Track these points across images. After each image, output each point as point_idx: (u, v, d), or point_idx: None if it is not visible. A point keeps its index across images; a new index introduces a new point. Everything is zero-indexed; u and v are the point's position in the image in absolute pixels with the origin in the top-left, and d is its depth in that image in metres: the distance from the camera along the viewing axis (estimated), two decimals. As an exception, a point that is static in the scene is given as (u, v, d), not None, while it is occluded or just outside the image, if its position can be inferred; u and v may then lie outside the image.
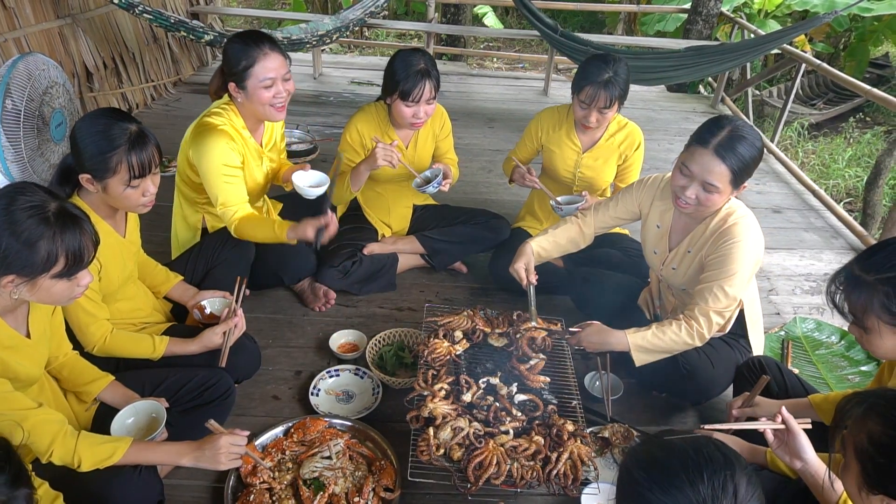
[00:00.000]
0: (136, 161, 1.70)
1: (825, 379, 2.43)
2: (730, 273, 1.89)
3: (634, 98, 5.58)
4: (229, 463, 1.61)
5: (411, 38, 9.43)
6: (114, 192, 1.74)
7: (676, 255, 2.09)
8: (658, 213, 2.15)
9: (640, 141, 2.64)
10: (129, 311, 2.03)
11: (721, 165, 1.81)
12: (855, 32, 7.98)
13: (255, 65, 2.14)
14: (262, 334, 2.49)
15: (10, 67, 2.64)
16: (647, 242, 2.21)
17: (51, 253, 1.34)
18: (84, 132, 1.70)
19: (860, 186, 6.07)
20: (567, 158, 2.68)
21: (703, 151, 1.83)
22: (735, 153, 1.80)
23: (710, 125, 1.88)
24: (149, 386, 1.86)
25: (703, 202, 1.88)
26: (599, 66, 2.38)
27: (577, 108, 2.48)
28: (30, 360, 1.53)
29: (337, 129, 4.55)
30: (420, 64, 2.38)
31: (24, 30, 3.65)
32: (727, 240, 1.91)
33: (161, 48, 5.07)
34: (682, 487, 0.95)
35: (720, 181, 1.83)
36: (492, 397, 1.92)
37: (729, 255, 1.90)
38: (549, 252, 2.28)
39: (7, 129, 2.62)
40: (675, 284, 2.14)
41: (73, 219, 1.39)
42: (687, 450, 1.00)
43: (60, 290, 1.43)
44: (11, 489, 1.03)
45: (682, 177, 1.90)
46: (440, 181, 2.50)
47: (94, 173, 1.71)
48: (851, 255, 3.39)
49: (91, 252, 1.43)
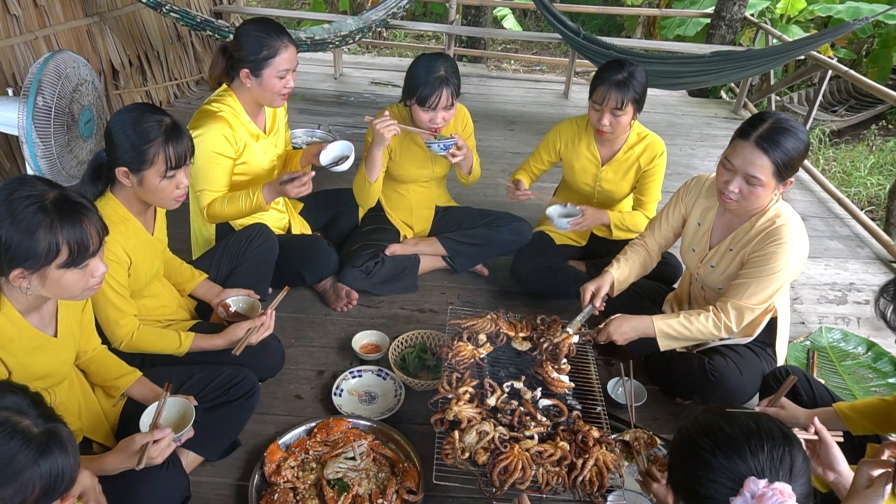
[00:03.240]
0: (172, 152, 1.74)
1: (852, 390, 2.40)
2: (772, 271, 1.89)
3: (656, 103, 5.54)
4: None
5: (429, 39, 9.44)
6: (150, 184, 1.75)
7: (717, 253, 2.08)
8: (700, 211, 2.15)
9: (660, 152, 2.58)
10: (155, 309, 2.04)
11: (763, 157, 1.80)
12: (878, 39, 7.88)
13: (276, 56, 2.23)
14: (285, 334, 2.50)
15: (42, 65, 2.67)
16: (686, 240, 2.21)
17: (51, 242, 1.33)
18: (120, 126, 1.73)
19: (882, 195, 5.98)
20: (587, 171, 2.67)
21: (745, 144, 1.84)
22: (777, 145, 1.79)
23: (752, 119, 1.88)
24: (174, 383, 1.86)
25: (746, 196, 1.87)
26: (614, 68, 2.39)
27: (591, 112, 2.48)
28: (57, 359, 1.54)
29: (358, 129, 4.56)
30: (440, 70, 2.38)
31: (53, 28, 3.70)
32: (774, 240, 1.90)
33: (185, 46, 5.12)
34: (744, 455, 1.01)
35: (763, 173, 1.82)
36: (516, 402, 1.92)
37: (774, 254, 1.89)
38: (627, 279, 2.26)
39: (38, 126, 2.66)
40: (711, 283, 2.13)
41: (74, 206, 1.37)
42: (749, 422, 1.05)
43: (72, 282, 1.40)
44: (46, 421, 1.06)
45: (725, 171, 1.91)
46: (448, 144, 2.44)
47: (130, 166, 1.73)
48: (877, 265, 3.35)
49: (96, 240, 1.40)
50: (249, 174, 2.41)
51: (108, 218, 1.72)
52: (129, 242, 1.81)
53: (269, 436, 2.03)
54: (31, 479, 1.01)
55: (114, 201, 1.81)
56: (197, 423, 1.72)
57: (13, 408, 1.05)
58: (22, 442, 1.01)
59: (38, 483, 1.02)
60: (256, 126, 2.40)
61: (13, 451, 1.00)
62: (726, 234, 2.05)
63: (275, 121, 2.51)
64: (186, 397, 1.74)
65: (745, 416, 1.07)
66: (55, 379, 1.57)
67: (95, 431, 1.74)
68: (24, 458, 1.01)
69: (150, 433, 1.49)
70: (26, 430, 1.03)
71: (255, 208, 2.29)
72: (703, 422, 1.09)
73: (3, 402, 1.05)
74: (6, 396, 1.06)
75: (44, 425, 1.06)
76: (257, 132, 2.40)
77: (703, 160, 4.55)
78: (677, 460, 1.13)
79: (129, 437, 1.48)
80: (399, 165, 2.67)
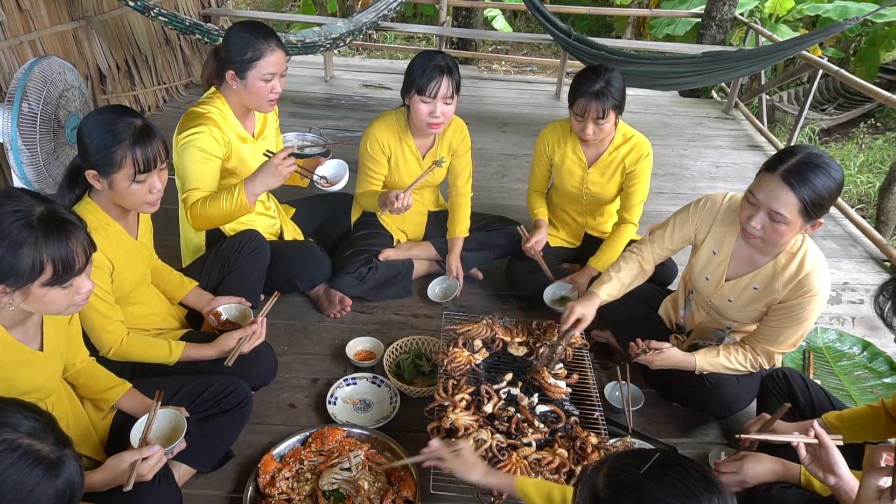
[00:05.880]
0: (140, 155, 1.68)
1: (848, 391, 2.40)
2: (802, 320, 1.86)
3: (647, 103, 5.55)
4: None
5: (420, 40, 9.42)
6: (119, 187, 1.71)
7: (736, 288, 1.98)
8: (715, 239, 2.02)
9: (646, 153, 2.55)
10: (144, 317, 2.01)
11: (789, 193, 1.68)
12: (866, 37, 7.94)
13: (261, 59, 2.18)
14: (278, 341, 2.47)
15: (26, 71, 2.63)
16: (697, 266, 2.09)
17: (35, 260, 1.28)
18: (90, 128, 1.69)
19: (872, 192, 6.02)
20: (573, 174, 2.65)
21: (770, 178, 1.72)
22: (805, 181, 1.67)
23: (781, 152, 1.76)
24: (166, 393, 1.83)
25: (769, 233, 1.76)
26: (590, 78, 2.34)
27: (574, 121, 2.46)
28: (43, 373, 1.51)
29: (349, 132, 4.53)
30: (440, 61, 2.37)
31: (39, 32, 3.64)
32: (806, 292, 1.82)
33: (173, 50, 5.07)
34: None
35: (788, 210, 1.69)
36: (513, 408, 1.90)
37: (807, 306, 1.83)
38: (617, 295, 2.18)
39: (23, 133, 2.62)
40: (724, 314, 2.06)
41: (60, 223, 1.33)
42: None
43: (56, 299, 1.36)
44: (59, 448, 1.06)
45: (749, 205, 1.79)
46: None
47: (99, 169, 1.69)
48: (871, 264, 3.36)
49: (83, 258, 1.36)
50: (239, 177, 2.37)
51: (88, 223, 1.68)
52: (111, 247, 1.78)
53: (262, 446, 2.00)
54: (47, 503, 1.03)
55: (92, 205, 1.77)
56: (189, 435, 1.69)
57: (31, 433, 1.04)
58: (43, 472, 1.02)
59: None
60: (245, 130, 2.36)
61: (35, 479, 1.01)
62: (747, 269, 1.95)
63: (264, 126, 2.48)
64: (178, 408, 1.71)
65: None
66: (42, 394, 1.53)
67: (84, 445, 1.70)
68: (44, 484, 1.02)
69: (138, 451, 1.45)
70: (47, 457, 1.03)
71: (238, 207, 2.14)
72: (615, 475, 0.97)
73: (23, 428, 1.04)
74: (23, 422, 1.05)
75: (59, 452, 1.06)
76: (245, 135, 2.37)
77: (696, 160, 4.55)
78: None
79: (117, 456, 1.45)
80: (395, 174, 2.65)
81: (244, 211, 2.16)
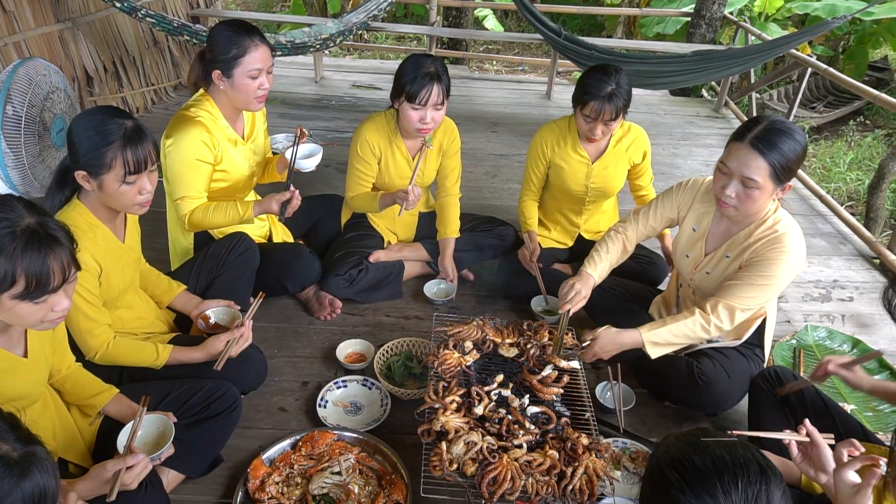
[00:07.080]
0: (131, 156, 1.67)
1: (838, 388, 2.40)
2: (768, 277, 1.87)
3: (638, 102, 5.54)
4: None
5: (410, 40, 9.40)
6: (109, 188, 1.70)
7: (712, 260, 2.04)
8: (696, 216, 2.11)
9: (647, 141, 2.67)
10: (131, 321, 1.99)
11: (759, 159, 1.77)
12: (854, 35, 7.98)
13: (246, 55, 2.17)
14: (268, 344, 2.45)
15: (10, 73, 2.60)
16: (679, 245, 2.17)
17: (7, 271, 1.25)
18: (80, 128, 1.68)
19: (861, 190, 6.05)
20: (577, 172, 2.64)
21: (740, 146, 1.80)
22: (773, 146, 1.76)
23: (747, 122, 1.86)
24: (153, 398, 1.81)
25: (743, 200, 1.83)
26: (601, 80, 2.33)
27: (582, 122, 2.44)
28: (28, 380, 1.49)
29: (339, 132, 4.51)
30: (430, 67, 2.35)
31: (23, 34, 3.60)
32: (776, 247, 1.87)
33: (161, 52, 5.03)
34: (716, 495, 0.94)
35: (759, 175, 1.78)
36: (504, 410, 1.89)
37: (774, 260, 1.87)
38: (605, 275, 2.22)
39: (7, 136, 2.58)
40: (705, 289, 2.10)
41: (43, 238, 1.29)
42: (724, 455, 0.98)
43: (26, 313, 1.33)
44: (25, 445, 1.04)
45: (722, 175, 1.87)
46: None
47: (89, 169, 1.68)
48: (860, 261, 3.37)
49: (59, 277, 1.32)
50: (229, 180, 2.36)
51: (76, 225, 1.67)
52: (99, 250, 1.76)
53: (252, 451, 1.98)
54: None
55: (81, 207, 1.75)
56: (177, 440, 1.67)
57: None
58: (3, 469, 0.99)
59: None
60: (234, 131, 2.35)
61: None
62: (723, 241, 2.02)
63: (253, 127, 2.46)
64: (165, 414, 1.70)
65: (719, 446, 1.00)
66: (27, 401, 1.51)
67: (71, 452, 1.68)
68: (6, 485, 0.98)
69: (122, 459, 1.42)
70: (6, 455, 1.00)
71: (244, 221, 2.26)
72: (674, 452, 1.02)
73: None
74: None
75: (22, 449, 1.03)
76: (235, 138, 2.35)
77: (686, 159, 4.56)
78: (647, 493, 1.05)
79: (100, 465, 1.42)
80: (385, 175, 2.63)
81: (248, 222, 2.31)
